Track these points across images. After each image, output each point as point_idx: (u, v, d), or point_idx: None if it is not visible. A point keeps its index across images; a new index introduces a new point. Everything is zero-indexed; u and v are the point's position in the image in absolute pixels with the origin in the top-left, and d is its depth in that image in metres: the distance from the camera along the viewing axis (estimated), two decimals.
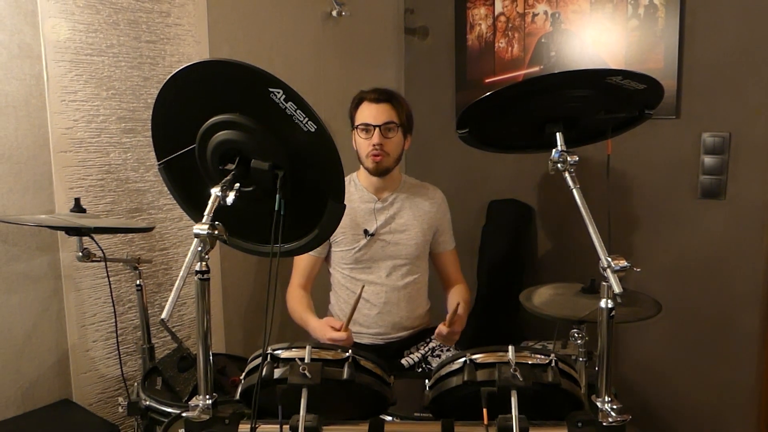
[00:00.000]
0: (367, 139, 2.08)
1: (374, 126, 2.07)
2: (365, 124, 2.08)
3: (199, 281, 1.13)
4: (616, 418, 1.15)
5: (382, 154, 2.07)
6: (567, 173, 1.32)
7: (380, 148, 2.06)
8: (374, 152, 2.07)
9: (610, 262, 1.16)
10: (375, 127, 2.07)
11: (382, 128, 2.07)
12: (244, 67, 1.11)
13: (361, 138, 2.10)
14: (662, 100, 1.48)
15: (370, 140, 2.07)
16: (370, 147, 2.07)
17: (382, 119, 2.07)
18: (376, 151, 2.07)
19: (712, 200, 2.36)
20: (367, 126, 2.08)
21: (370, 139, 2.07)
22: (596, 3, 2.54)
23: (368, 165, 2.11)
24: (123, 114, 2.12)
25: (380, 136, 2.06)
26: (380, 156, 2.07)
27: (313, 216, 1.21)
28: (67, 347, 2.05)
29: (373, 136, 2.07)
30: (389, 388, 1.26)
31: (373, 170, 2.11)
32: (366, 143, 2.09)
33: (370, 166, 2.10)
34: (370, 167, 2.11)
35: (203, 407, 1.17)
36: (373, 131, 2.07)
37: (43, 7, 1.90)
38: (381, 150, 2.07)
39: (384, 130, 2.07)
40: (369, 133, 2.08)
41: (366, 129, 2.08)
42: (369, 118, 2.08)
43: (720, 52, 2.29)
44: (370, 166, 2.10)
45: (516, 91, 1.42)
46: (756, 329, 2.33)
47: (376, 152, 2.07)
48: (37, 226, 1.88)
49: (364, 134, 2.09)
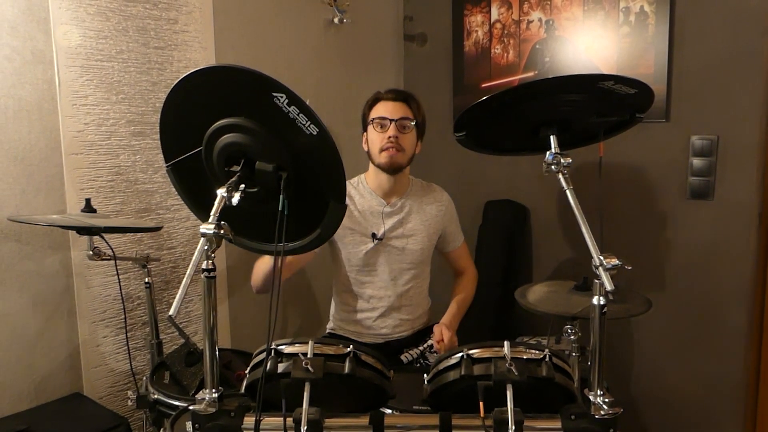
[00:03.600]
0: (382, 132, 1.98)
1: (390, 120, 1.97)
2: (381, 117, 1.98)
3: (205, 279, 1.13)
4: (608, 410, 1.15)
5: (397, 148, 1.97)
6: (561, 175, 1.32)
7: (395, 141, 1.96)
8: (389, 144, 1.96)
9: (602, 260, 1.16)
10: (391, 121, 1.97)
11: (398, 123, 1.97)
12: (248, 73, 1.11)
13: (376, 132, 2.00)
14: (652, 104, 1.48)
15: (386, 133, 1.97)
16: (385, 140, 1.97)
17: (398, 114, 1.98)
18: (391, 144, 1.96)
19: (701, 201, 2.36)
20: (383, 120, 1.98)
21: (385, 133, 1.97)
22: (589, 10, 2.54)
23: (382, 160, 1.99)
24: (132, 117, 2.12)
25: (396, 129, 1.96)
26: (395, 150, 1.97)
27: (316, 216, 1.21)
28: (78, 342, 2.05)
29: (388, 130, 1.97)
30: (389, 382, 1.26)
31: (386, 165, 1.99)
32: (381, 137, 1.98)
33: (383, 161, 1.99)
34: (384, 162, 1.99)
35: (210, 400, 1.17)
36: (389, 125, 1.97)
37: (55, 14, 1.90)
38: (396, 143, 1.96)
39: (400, 126, 1.97)
40: (384, 128, 1.98)
41: (382, 123, 1.98)
42: (385, 113, 1.99)
43: (708, 58, 2.29)
44: (383, 161, 1.99)
45: (511, 95, 1.42)
46: (743, 325, 2.33)
47: (391, 144, 1.96)
48: (49, 225, 1.88)
49: (379, 128, 1.99)
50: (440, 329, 1.99)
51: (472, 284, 2.25)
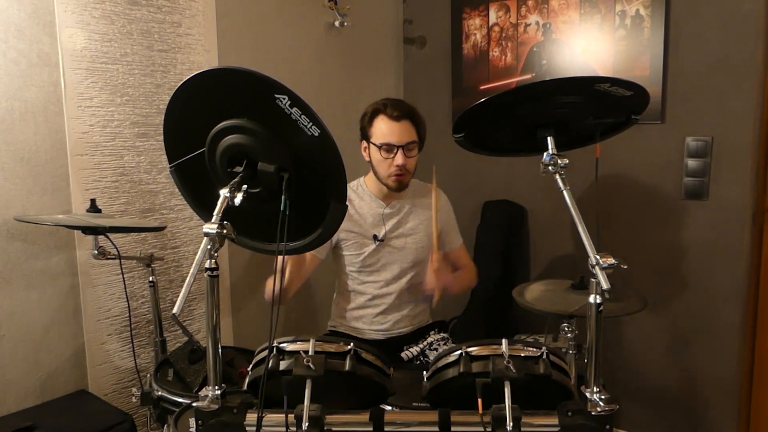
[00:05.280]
0: (387, 159, 1.94)
1: (397, 146, 1.92)
2: (388, 144, 1.93)
3: (208, 278, 1.13)
4: (604, 407, 1.15)
5: (405, 174, 1.96)
6: (558, 175, 1.31)
7: (404, 168, 1.94)
8: (398, 173, 1.94)
9: (598, 259, 1.16)
10: (398, 147, 1.92)
11: (404, 149, 1.93)
12: (251, 75, 1.11)
13: (382, 157, 1.95)
14: (648, 106, 1.47)
15: (392, 161, 1.93)
16: (393, 168, 1.94)
17: (405, 139, 1.93)
18: (401, 172, 1.94)
19: (695, 201, 2.36)
20: (389, 146, 1.93)
21: (392, 160, 1.93)
22: (585, 14, 2.54)
23: (390, 184, 1.98)
24: (136, 119, 2.12)
25: (403, 156, 1.93)
26: (404, 176, 1.96)
27: (317, 216, 1.21)
28: (83, 340, 2.05)
29: (396, 157, 1.92)
30: (389, 379, 1.26)
31: (395, 189, 1.99)
32: (387, 163, 1.95)
33: (392, 185, 1.98)
34: (393, 186, 1.98)
35: (212, 397, 1.16)
36: (396, 152, 1.92)
37: (60, 18, 1.90)
38: (404, 170, 1.95)
39: (406, 151, 1.94)
40: (391, 153, 1.93)
41: (388, 149, 1.94)
42: (392, 138, 1.92)
43: (702, 60, 2.29)
44: (392, 185, 1.98)
45: (509, 97, 1.41)
46: (737, 323, 2.33)
47: (400, 173, 1.94)
48: (55, 225, 1.88)
49: (385, 153, 1.94)
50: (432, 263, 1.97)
51: (473, 271, 2.26)
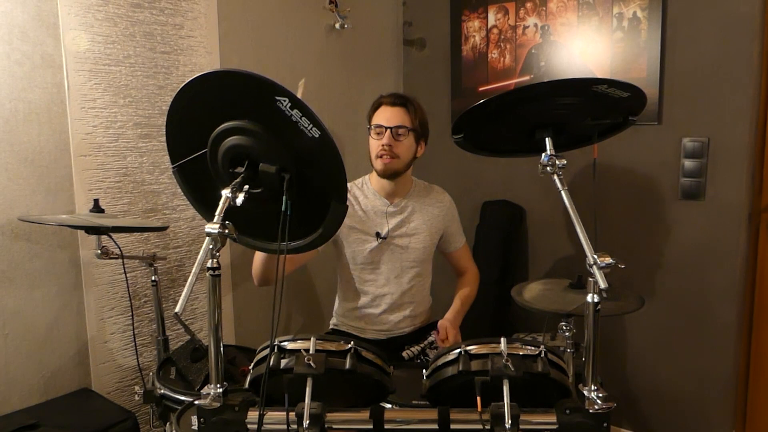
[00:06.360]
0: (378, 140, 2.00)
1: (386, 128, 1.98)
2: (378, 125, 2.00)
3: (210, 277, 1.13)
4: (601, 405, 1.15)
5: (391, 155, 1.98)
6: (556, 176, 1.31)
7: (389, 149, 1.98)
8: (383, 152, 1.98)
9: (596, 259, 1.16)
10: (386, 128, 1.98)
11: (393, 130, 1.98)
12: (252, 77, 1.11)
13: (374, 139, 2.02)
14: (645, 108, 1.48)
15: (380, 141, 1.99)
16: (379, 147, 1.99)
17: (394, 122, 1.99)
18: (385, 151, 1.98)
19: (692, 201, 2.36)
20: (379, 127, 2.00)
21: (381, 141, 1.99)
22: (583, 16, 2.54)
23: (377, 167, 2.03)
24: (139, 120, 2.12)
25: (390, 137, 1.97)
26: (389, 157, 1.98)
27: (318, 216, 1.21)
28: (86, 339, 2.05)
29: (383, 137, 1.98)
30: (389, 378, 1.26)
31: (381, 172, 2.02)
32: (376, 144, 2.01)
33: (379, 167, 2.02)
34: (379, 169, 2.02)
35: (214, 395, 1.17)
36: (384, 132, 1.98)
37: (64, 20, 1.90)
38: (390, 151, 1.98)
39: (395, 133, 1.98)
40: (380, 135, 2.00)
41: (378, 131, 2.00)
42: (382, 120, 2.00)
43: (699, 62, 2.29)
44: (379, 167, 2.02)
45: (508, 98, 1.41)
46: (733, 322, 2.33)
47: (384, 152, 1.98)
48: (58, 225, 1.89)
49: (376, 136, 2.01)
50: (445, 327, 1.99)
51: (475, 282, 2.25)
